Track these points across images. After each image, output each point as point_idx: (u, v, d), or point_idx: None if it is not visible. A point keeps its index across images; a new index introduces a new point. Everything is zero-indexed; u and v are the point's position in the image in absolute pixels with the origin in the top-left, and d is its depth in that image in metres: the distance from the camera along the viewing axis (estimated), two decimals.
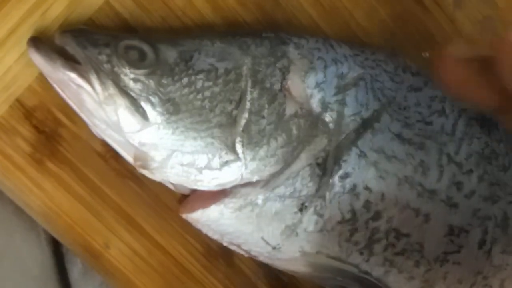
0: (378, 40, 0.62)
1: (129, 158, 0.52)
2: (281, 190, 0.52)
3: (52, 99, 0.53)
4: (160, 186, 0.55)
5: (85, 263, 0.58)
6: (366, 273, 0.56)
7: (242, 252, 0.57)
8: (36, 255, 0.58)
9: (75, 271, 0.60)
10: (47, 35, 0.51)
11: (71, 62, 0.48)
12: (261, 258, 0.57)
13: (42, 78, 0.52)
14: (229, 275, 0.60)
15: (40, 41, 0.49)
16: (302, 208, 0.53)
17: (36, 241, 0.58)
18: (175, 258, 0.58)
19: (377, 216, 0.54)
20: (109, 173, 0.55)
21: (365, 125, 0.54)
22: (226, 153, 0.51)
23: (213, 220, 0.53)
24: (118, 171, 0.56)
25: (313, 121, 0.53)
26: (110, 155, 0.55)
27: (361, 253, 0.55)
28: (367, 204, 0.54)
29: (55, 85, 0.50)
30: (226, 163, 0.51)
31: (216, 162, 0.51)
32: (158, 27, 0.55)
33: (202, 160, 0.51)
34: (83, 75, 0.48)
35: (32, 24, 0.51)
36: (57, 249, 0.60)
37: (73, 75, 0.48)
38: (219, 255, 0.60)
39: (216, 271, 0.60)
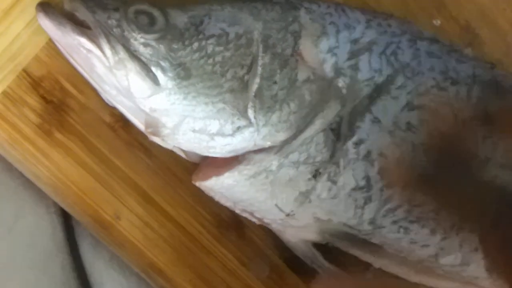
0: (389, 8, 0.62)
1: (140, 125, 0.53)
2: (295, 156, 0.53)
3: (60, 68, 0.54)
4: (171, 156, 0.56)
5: (95, 236, 0.59)
6: (378, 239, 0.57)
7: (254, 220, 0.58)
8: (46, 228, 0.59)
9: (85, 244, 0.61)
10: (55, 1, 0.52)
11: (81, 27, 0.49)
12: (274, 226, 0.58)
13: (49, 48, 0.53)
14: (240, 246, 0.62)
15: (49, 6, 0.50)
16: (316, 175, 0.54)
17: (46, 214, 0.59)
18: (186, 229, 0.59)
19: (392, 183, 0.55)
20: (119, 143, 0.56)
21: (379, 91, 0.55)
22: (238, 119, 0.52)
23: (227, 187, 0.54)
24: (127, 141, 0.56)
25: (326, 86, 0.53)
26: (119, 125, 0.56)
27: (375, 220, 0.56)
28: (381, 171, 0.55)
29: (64, 52, 0.51)
30: (238, 128, 0.52)
31: (228, 127, 0.52)
32: None
33: (214, 125, 0.51)
34: (93, 40, 0.49)
35: None
36: (67, 222, 0.61)
37: (83, 40, 0.48)
38: (230, 226, 0.61)
39: (227, 242, 0.61)
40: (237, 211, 0.58)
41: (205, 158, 0.56)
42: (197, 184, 0.56)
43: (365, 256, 0.62)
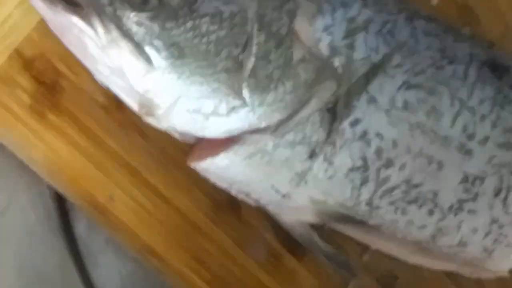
0: None
1: (133, 105, 0.52)
2: (291, 136, 0.53)
3: (52, 48, 0.53)
4: (165, 138, 0.55)
5: (90, 219, 0.58)
6: (375, 220, 0.57)
7: (250, 202, 0.58)
8: (40, 210, 0.59)
9: (81, 227, 0.61)
10: None
11: (72, 6, 0.48)
12: (270, 208, 0.58)
13: (41, 27, 0.52)
14: (237, 228, 0.61)
15: None
16: (312, 155, 0.54)
17: (40, 197, 0.59)
18: (181, 211, 0.59)
19: (389, 163, 0.55)
20: (112, 124, 0.56)
21: (375, 70, 0.54)
22: (233, 98, 0.51)
23: (222, 168, 0.54)
24: (121, 122, 0.56)
25: (322, 66, 0.53)
26: (113, 106, 0.55)
27: (372, 201, 0.56)
28: (378, 151, 0.55)
29: (56, 31, 0.50)
30: (233, 108, 0.51)
31: (223, 107, 0.51)
32: None
33: (208, 106, 0.51)
34: (85, 19, 0.48)
35: None
36: (62, 205, 0.61)
37: (74, 19, 0.48)
38: (227, 208, 0.60)
39: (223, 224, 0.61)
40: (233, 192, 0.57)
41: (200, 139, 0.55)
42: (192, 165, 0.55)
43: (363, 238, 0.62)
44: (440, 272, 0.68)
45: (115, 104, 0.55)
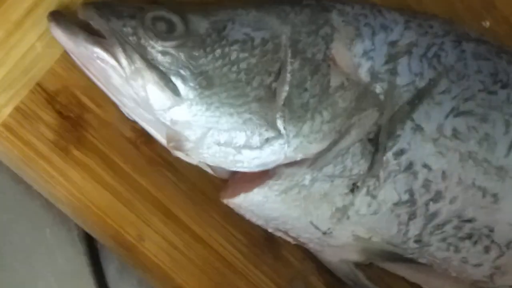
0: (432, 9, 0.59)
1: (161, 139, 0.51)
2: (329, 169, 0.51)
3: (76, 82, 0.52)
4: (197, 173, 0.54)
5: (121, 259, 0.57)
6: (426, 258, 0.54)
7: (289, 239, 0.55)
8: (68, 251, 0.57)
9: (112, 268, 0.59)
10: (70, 10, 0.50)
11: (94, 36, 0.47)
12: (311, 246, 0.55)
13: (64, 60, 0.51)
14: (276, 268, 0.58)
15: (61, 15, 0.48)
16: (353, 189, 0.51)
17: (68, 236, 0.57)
18: (216, 250, 0.57)
19: (438, 196, 0.52)
20: (141, 160, 0.54)
21: (420, 96, 0.51)
22: (267, 130, 0.49)
23: (257, 204, 0.52)
24: (150, 158, 0.54)
25: (362, 93, 0.51)
26: (141, 140, 0.54)
27: (421, 238, 0.53)
28: (426, 184, 0.52)
29: (80, 63, 0.49)
30: (267, 140, 0.49)
31: (256, 139, 0.49)
32: (188, 0, 0.53)
33: (240, 138, 0.49)
34: (108, 49, 0.47)
35: (50, 2, 0.50)
36: (91, 245, 0.59)
37: (97, 49, 0.47)
38: (264, 246, 0.58)
39: (261, 263, 0.58)
40: (270, 229, 0.55)
41: (234, 174, 0.53)
42: (226, 201, 0.53)
43: (413, 277, 0.59)
44: None
45: (143, 138, 0.53)
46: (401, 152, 0.51)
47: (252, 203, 0.52)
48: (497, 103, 0.53)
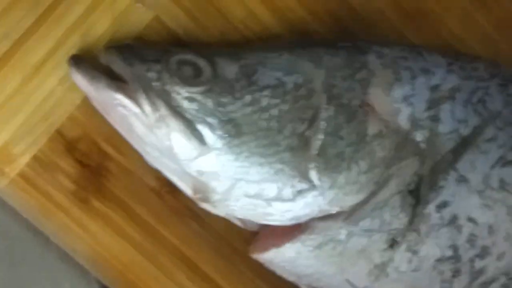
0: (476, 49, 0.57)
1: (187, 190, 0.49)
2: (367, 223, 0.48)
3: (97, 129, 0.50)
4: (225, 224, 0.52)
5: None
6: None
7: None
8: None
9: None
10: (91, 54, 0.49)
11: (117, 81, 0.45)
12: None
13: (85, 106, 0.50)
14: None
15: (81, 59, 0.47)
16: (393, 244, 0.49)
17: None
18: None
19: (484, 252, 0.49)
20: (165, 211, 0.52)
21: (465, 145, 0.49)
22: (299, 181, 0.47)
23: (288, 260, 0.50)
24: (175, 208, 0.52)
25: (402, 141, 0.48)
26: (165, 190, 0.52)
27: None
28: (471, 239, 0.49)
29: (100, 109, 0.48)
30: (299, 192, 0.47)
31: (288, 191, 0.47)
32: (215, 42, 0.52)
33: (271, 189, 0.47)
34: (130, 95, 0.45)
35: (72, 45, 0.49)
36: None
37: (119, 96, 0.45)
38: None
39: None
40: (303, 287, 0.52)
41: (264, 227, 0.51)
42: (255, 256, 0.51)
43: None
44: None
45: (168, 188, 0.51)
46: (444, 205, 0.48)
47: (283, 259, 0.49)
48: None
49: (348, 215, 0.48)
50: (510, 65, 0.54)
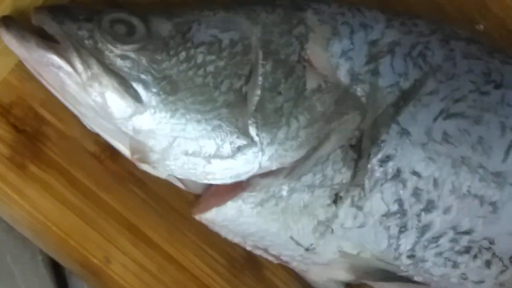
0: (421, 12, 0.56)
1: (125, 151, 0.48)
2: (308, 178, 0.48)
3: (32, 93, 0.49)
4: (168, 188, 0.51)
5: (88, 285, 0.54)
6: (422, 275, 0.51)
7: (271, 258, 0.52)
8: (32, 279, 0.54)
9: None
10: (25, 17, 0.47)
11: (47, 41, 0.45)
12: (294, 265, 0.52)
13: (19, 70, 0.49)
14: None
15: (11, 20, 0.46)
16: (336, 200, 0.48)
17: (32, 263, 0.54)
18: (191, 272, 0.54)
19: (430, 206, 0.49)
20: (106, 176, 0.52)
21: (406, 98, 0.49)
22: (238, 137, 0.46)
23: (231, 219, 0.49)
24: (116, 173, 0.52)
25: (342, 96, 0.48)
26: (105, 155, 0.51)
27: (415, 252, 0.50)
28: (416, 192, 0.49)
29: (34, 72, 0.47)
30: (239, 149, 0.47)
31: (227, 148, 0.47)
32: (151, 3, 0.51)
33: (210, 147, 0.46)
34: (62, 54, 0.44)
35: (4, 7, 0.48)
36: (57, 271, 0.56)
37: (50, 55, 0.44)
38: (245, 267, 0.55)
39: (241, 285, 0.55)
40: (248, 247, 0.52)
41: (207, 188, 0.50)
42: (198, 217, 0.50)
43: None
44: None
45: (108, 153, 0.51)
46: (387, 159, 0.48)
47: (226, 217, 0.49)
48: (490, 104, 0.50)
49: (289, 171, 0.48)
50: (458, 27, 0.54)
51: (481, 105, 0.50)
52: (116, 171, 0.52)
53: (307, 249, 0.50)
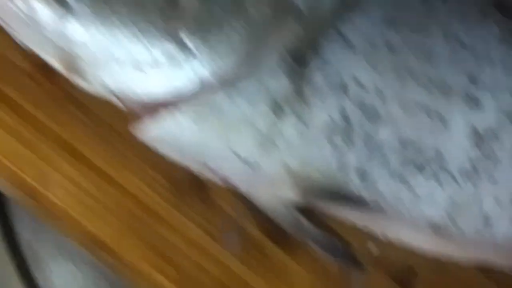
0: None
1: (56, 64, 0.47)
2: (246, 87, 0.47)
3: None
4: (108, 108, 0.49)
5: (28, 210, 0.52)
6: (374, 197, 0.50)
7: (216, 180, 0.51)
8: None
9: (25, 229, 0.55)
10: None
11: None
12: (240, 184, 0.51)
13: None
14: (206, 214, 0.54)
15: None
16: (276, 110, 0.47)
17: None
18: (134, 195, 0.52)
19: (375, 117, 0.48)
20: (41, 95, 0.50)
21: (346, 4, 0.48)
22: (170, 42, 0.45)
23: (169, 133, 0.48)
24: (52, 93, 0.50)
25: (279, 1, 0.47)
26: (40, 72, 0.50)
27: (363, 168, 0.49)
28: (360, 102, 0.48)
29: None
30: (171, 56, 0.45)
31: (159, 55, 0.45)
32: None
33: (140, 53, 0.45)
34: None
35: None
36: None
37: None
38: (190, 189, 0.53)
39: (187, 209, 0.53)
40: (193, 167, 0.50)
41: (145, 104, 0.48)
42: (136, 133, 0.49)
43: (366, 224, 0.54)
44: (472, 267, 0.58)
45: (43, 70, 0.49)
46: (327, 67, 0.47)
47: (164, 133, 0.48)
48: (432, 11, 0.49)
49: (225, 79, 0.46)
50: None
51: (423, 11, 0.49)
52: (52, 90, 0.50)
53: (250, 165, 0.48)
